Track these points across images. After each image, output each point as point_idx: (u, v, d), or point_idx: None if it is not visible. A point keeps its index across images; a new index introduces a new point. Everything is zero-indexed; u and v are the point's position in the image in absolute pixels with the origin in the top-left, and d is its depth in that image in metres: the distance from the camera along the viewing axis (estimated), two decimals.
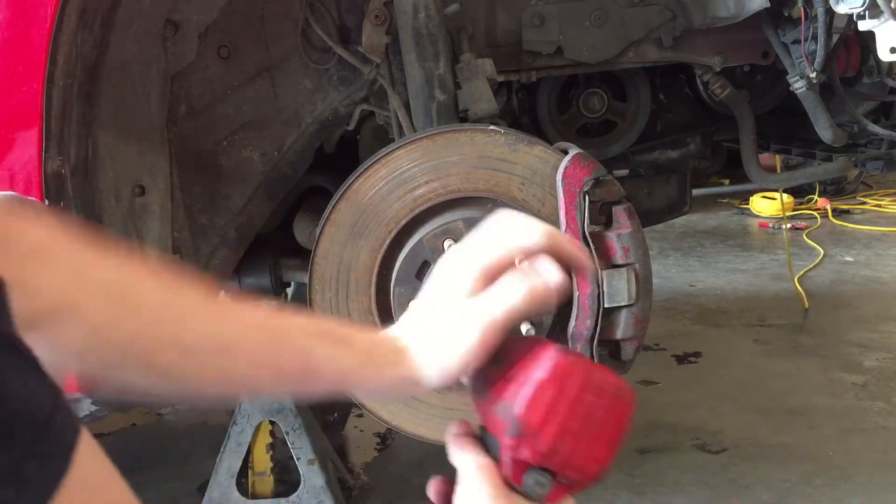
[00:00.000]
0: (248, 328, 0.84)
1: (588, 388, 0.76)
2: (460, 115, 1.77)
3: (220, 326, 0.82)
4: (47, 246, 0.73)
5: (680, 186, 2.53)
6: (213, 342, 0.81)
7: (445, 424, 1.62)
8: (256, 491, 2.33)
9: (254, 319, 0.85)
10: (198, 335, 0.80)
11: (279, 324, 0.85)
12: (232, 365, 0.82)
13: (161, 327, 0.78)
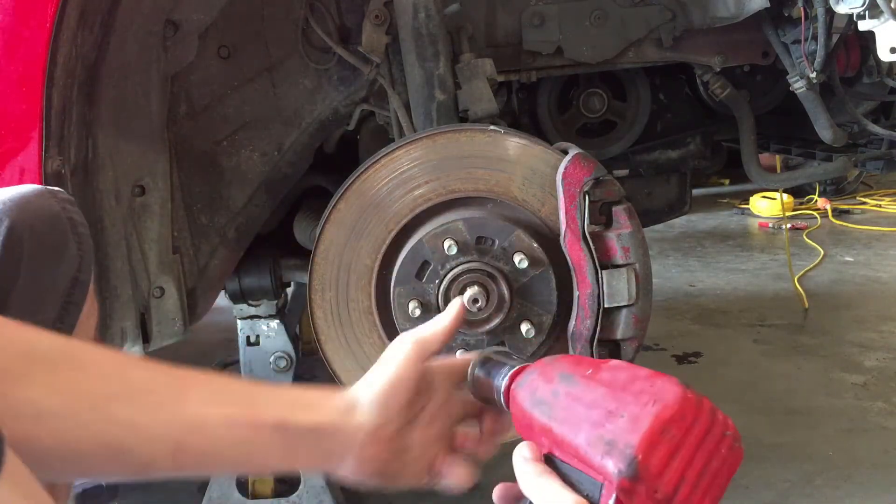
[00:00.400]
0: (193, 377, 0.84)
1: (712, 433, 0.69)
2: (460, 115, 1.77)
3: (166, 376, 0.83)
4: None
5: (680, 186, 2.53)
6: (162, 390, 0.81)
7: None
8: (256, 491, 2.33)
9: (195, 372, 0.85)
10: (146, 385, 0.81)
11: (219, 375, 0.86)
12: (183, 408, 0.80)
13: (108, 381, 0.78)
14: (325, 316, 1.59)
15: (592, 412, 0.70)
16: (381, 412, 0.89)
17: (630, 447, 0.65)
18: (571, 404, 0.72)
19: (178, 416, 0.80)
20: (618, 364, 0.77)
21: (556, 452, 0.74)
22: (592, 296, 1.49)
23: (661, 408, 0.67)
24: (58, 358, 0.77)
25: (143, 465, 0.79)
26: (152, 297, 1.85)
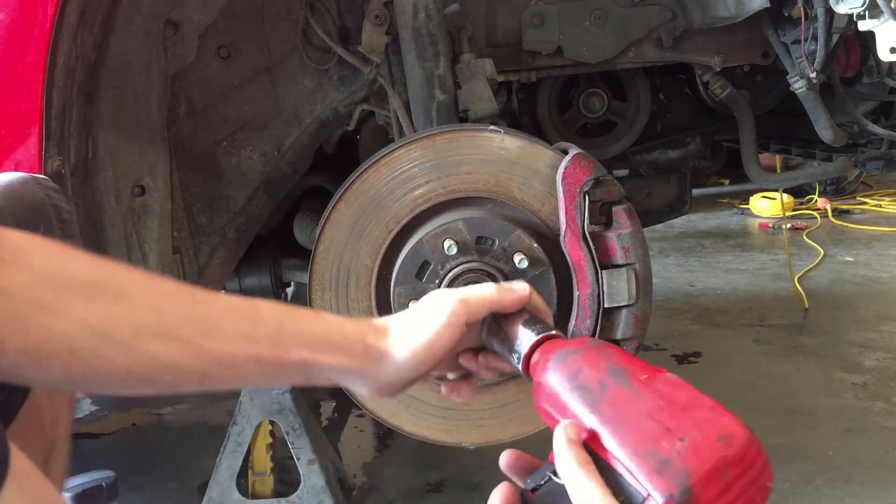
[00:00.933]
0: (225, 310, 0.86)
1: (759, 481, 0.68)
2: (460, 115, 1.77)
3: (198, 309, 0.84)
4: (22, 249, 0.75)
5: (680, 186, 2.53)
6: (193, 325, 0.83)
7: (445, 424, 1.61)
8: (256, 491, 2.33)
9: (229, 303, 0.87)
10: (178, 319, 0.82)
11: (253, 305, 0.88)
12: (212, 346, 0.83)
13: (140, 314, 0.80)
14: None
15: (647, 423, 0.69)
16: (412, 371, 0.94)
17: (687, 475, 0.65)
18: (622, 404, 0.72)
19: (207, 352, 0.83)
20: (675, 380, 0.76)
21: (592, 445, 0.73)
22: (592, 296, 1.49)
23: (728, 446, 0.67)
24: (93, 288, 0.78)
25: (168, 388, 0.83)
26: None
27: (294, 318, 0.90)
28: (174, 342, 0.81)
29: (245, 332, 0.85)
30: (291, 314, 0.90)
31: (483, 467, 2.59)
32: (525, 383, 1.61)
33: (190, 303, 0.84)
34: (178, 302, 0.84)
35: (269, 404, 2.32)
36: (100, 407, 3.41)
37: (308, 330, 0.90)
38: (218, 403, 3.29)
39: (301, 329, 0.89)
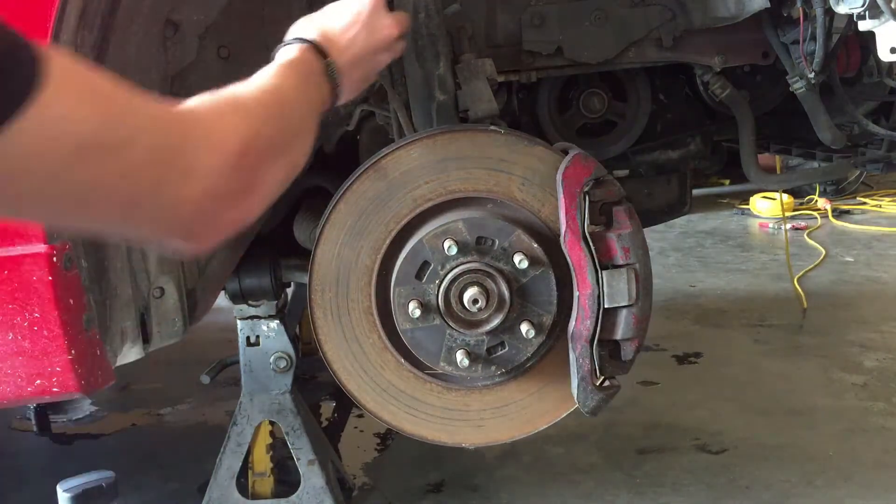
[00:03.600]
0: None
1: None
2: (460, 115, 1.77)
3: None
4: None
5: (680, 186, 2.53)
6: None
7: (445, 424, 1.62)
8: (256, 491, 2.33)
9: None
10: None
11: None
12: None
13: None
14: (325, 316, 1.59)
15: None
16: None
17: None
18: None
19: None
20: None
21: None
22: (592, 296, 1.49)
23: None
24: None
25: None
26: (152, 297, 1.85)
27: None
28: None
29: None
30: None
31: (483, 467, 2.59)
32: (525, 384, 1.62)
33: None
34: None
35: (269, 404, 2.32)
36: (100, 407, 3.41)
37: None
38: (218, 403, 3.29)
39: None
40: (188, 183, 0.88)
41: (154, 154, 0.84)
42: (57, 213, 0.84)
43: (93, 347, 1.59)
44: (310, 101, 1.19)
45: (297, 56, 1.21)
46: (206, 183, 0.90)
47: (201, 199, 0.90)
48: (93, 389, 1.61)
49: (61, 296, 1.51)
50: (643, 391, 3.25)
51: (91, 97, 0.79)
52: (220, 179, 0.91)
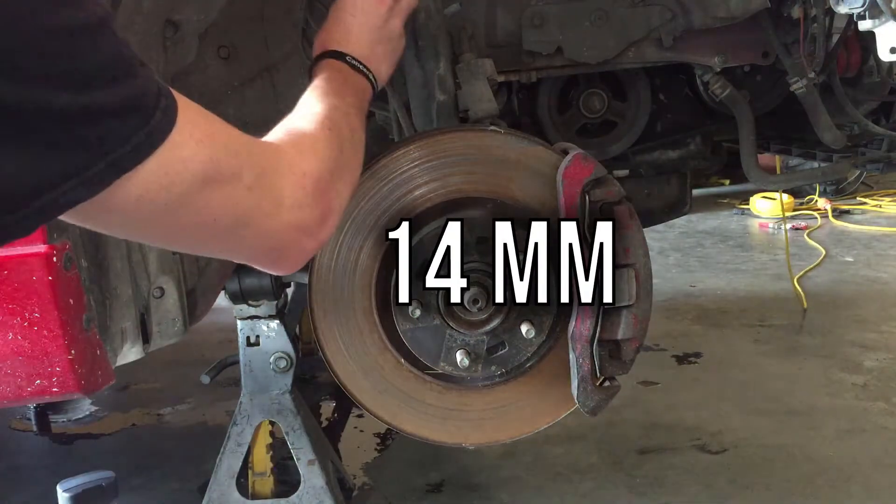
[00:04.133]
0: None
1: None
2: (460, 115, 1.76)
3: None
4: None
5: (680, 186, 2.53)
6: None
7: (445, 424, 1.62)
8: (256, 491, 2.33)
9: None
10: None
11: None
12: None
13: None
14: (325, 316, 1.58)
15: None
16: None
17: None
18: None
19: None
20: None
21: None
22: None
23: None
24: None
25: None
26: (152, 297, 1.84)
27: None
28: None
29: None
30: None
31: (483, 467, 2.59)
32: (525, 384, 1.61)
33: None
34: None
35: (269, 404, 2.32)
36: (100, 407, 3.41)
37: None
38: (218, 404, 3.29)
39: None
40: (279, 213, 0.99)
41: (254, 187, 0.96)
42: (169, 237, 0.96)
43: (93, 347, 1.59)
44: (354, 106, 1.29)
45: (323, 74, 1.32)
46: (292, 215, 1.01)
47: (288, 229, 1.02)
48: (93, 389, 1.61)
49: (61, 296, 1.51)
50: (643, 391, 3.25)
51: (209, 140, 0.90)
52: (303, 211, 1.03)
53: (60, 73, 0.74)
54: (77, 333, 1.54)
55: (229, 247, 1.01)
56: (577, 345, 1.50)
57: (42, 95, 0.73)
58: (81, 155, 0.77)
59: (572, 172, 1.49)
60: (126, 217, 0.86)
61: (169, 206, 0.87)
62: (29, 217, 0.77)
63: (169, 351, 2.12)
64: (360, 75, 1.37)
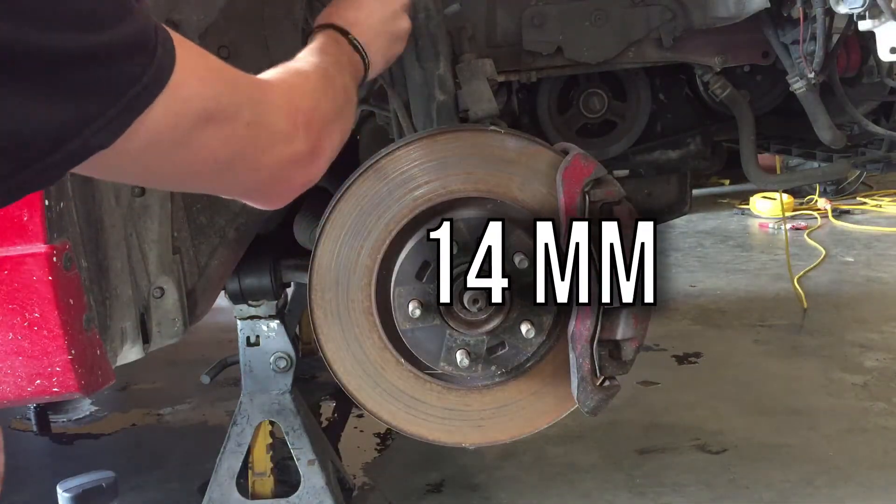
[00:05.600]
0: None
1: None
2: (460, 115, 1.76)
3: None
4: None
5: (680, 186, 2.53)
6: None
7: (445, 424, 1.62)
8: (256, 491, 2.33)
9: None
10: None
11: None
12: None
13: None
14: (325, 316, 1.58)
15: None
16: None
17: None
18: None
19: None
20: None
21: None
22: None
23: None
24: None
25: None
26: (152, 297, 1.85)
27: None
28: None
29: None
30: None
31: (483, 467, 2.59)
32: (525, 384, 1.61)
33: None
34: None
35: (269, 405, 2.32)
36: (100, 407, 3.41)
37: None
38: (218, 404, 3.29)
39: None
40: (272, 148, 1.01)
41: (252, 123, 0.96)
42: (164, 177, 0.96)
43: (93, 347, 1.60)
44: (348, 72, 1.32)
45: (323, 40, 1.35)
46: (285, 148, 1.02)
47: (280, 163, 1.03)
48: (93, 389, 1.61)
49: (61, 296, 1.51)
50: (643, 391, 3.25)
51: (210, 76, 0.92)
52: (295, 144, 1.04)
53: (69, 14, 0.72)
54: (77, 333, 1.54)
55: (223, 183, 1.02)
56: (577, 345, 1.50)
57: (53, 39, 0.71)
58: (98, 99, 0.75)
59: (572, 172, 1.49)
60: (132, 160, 0.84)
61: (173, 146, 0.86)
62: (51, 168, 0.75)
63: (169, 351, 2.12)
64: (358, 56, 1.39)
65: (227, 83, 0.96)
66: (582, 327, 1.50)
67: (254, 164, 1.00)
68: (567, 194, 1.48)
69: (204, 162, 0.92)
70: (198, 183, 1.01)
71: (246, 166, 0.99)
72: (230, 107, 0.93)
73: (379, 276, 1.56)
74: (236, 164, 0.97)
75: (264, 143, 1.00)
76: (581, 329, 1.50)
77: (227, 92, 0.95)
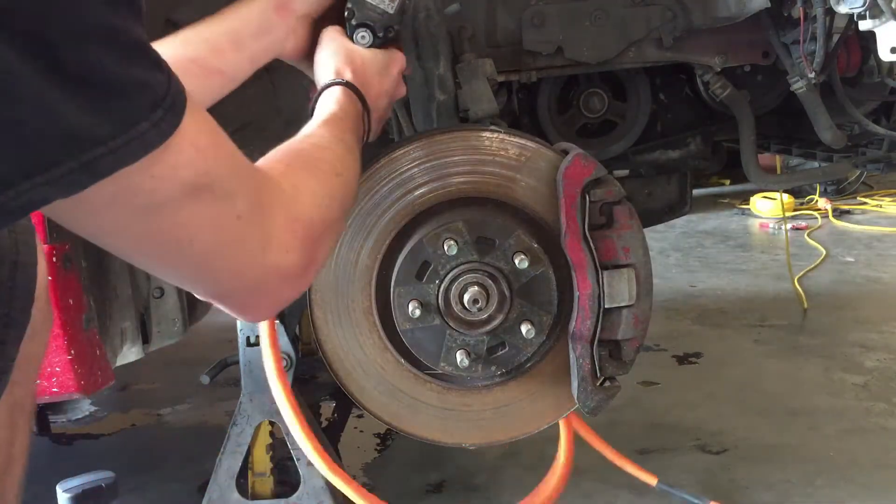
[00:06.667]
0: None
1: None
2: (460, 115, 1.76)
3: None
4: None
5: (680, 186, 2.53)
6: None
7: (445, 424, 1.63)
8: (256, 491, 2.33)
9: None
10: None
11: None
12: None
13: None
14: (325, 316, 1.58)
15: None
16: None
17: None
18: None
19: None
20: None
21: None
22: (593, 296, 1.49)
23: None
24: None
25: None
26: (152, 297, 1.85)
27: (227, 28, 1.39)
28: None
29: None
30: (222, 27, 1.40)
31: (483, 468, 2.59)
32: (525, 384, 1.61)
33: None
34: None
35: (269, 405, 2.31)
36: (99, 408, 3.41)
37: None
38: (218, 404, 3.29)
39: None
40: (263, 253, 0.90)
41: (244, 218, 0.86)
42: (137, 248, 0.84)
43: (92, 347, 1.60)
44: (358, 138, 1.25)
45: (344, 100, 1.27)
46: (276, 259, 0.91)
47: (267, 273, 0.92)
48: (93, 389, 1.61)
49: (61, 296, 1.51)
50: (643, 391, 3.25)
51: (211, 152, 0.82)
52: (288, 256, 0.93)
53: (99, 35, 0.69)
54: (77, 333, 1.54)
55: (200, 276, 0.90)
56: (577, 345, 1.50)
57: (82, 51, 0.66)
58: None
59: (572, 172, 1.49)
60: (96, 215, 0.76)
61: (145, 211, 0.77)
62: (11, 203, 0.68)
63: (169, 351, 2.12)
64: (366, 127, 1.33)
65: (227, 165, 0.85)
66: (582, 327, 1.50)
67: (238, 265, 0.89)
68: (567, 194, 1.48)
69: (178, 241, 0.82)
70: (171, 267, 0.88)
71: (227, 265, 0.88)
72: (222, 190, 0.83)
73: (379, 276, 1.56)
74: (217, 259, 0.87)
75: (253, 247, 0.89)
76: (581, 329, 1.50)
77: (225, 174, 0.84)
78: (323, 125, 1.18)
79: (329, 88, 1.30)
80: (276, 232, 0.91)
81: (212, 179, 0.82)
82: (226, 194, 0.84)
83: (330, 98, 1.28)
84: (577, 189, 1.48)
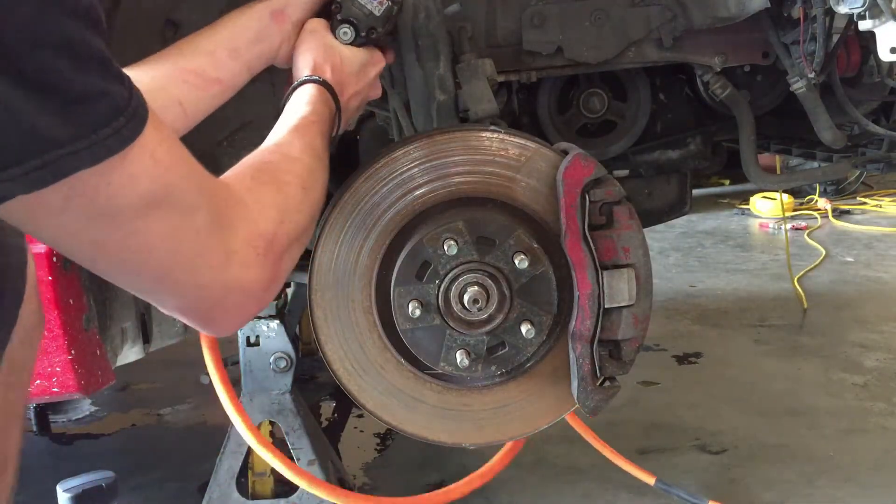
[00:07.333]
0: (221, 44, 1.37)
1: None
2: (460, 115, 1.76)
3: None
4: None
5: (680, 186, 2.53)
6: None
7: (445, 424, 1.63)
8: (256, 491, 2.33)
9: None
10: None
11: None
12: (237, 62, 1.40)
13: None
14: (325, 316, 1.58)
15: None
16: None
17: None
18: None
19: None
20: None
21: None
22: (593, 296, 1.49)
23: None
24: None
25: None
26: None
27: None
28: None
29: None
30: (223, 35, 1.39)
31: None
32: (525, 384, 1.61)
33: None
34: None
35: (269, 405, 2.32)
36: (99, 407, 3.41)
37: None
38: (218, 404, 3.29)
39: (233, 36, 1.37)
40: (224, 268, 0.90)
41: (204, 231, 0.87)
42: (88, 248, 0.84)
43: (93, 347, 1.60)
44: (328, 138, 1.27)
45: (321, 100, 1.30)
46: (238, 274, 0.92)
47: (228, 288, 0.92)
48: (93, 389, 1.61)
49: (61, 296, 1.51)
50: (643, 391, 3.25)
51: (169, 164, 0.84)
52: (249, 272, 0.93)
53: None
54: (77, 333, 1.54)
55: (160, 287, 0.90)
56: (577, 345, 1.50)
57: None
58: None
59: (572, 172, 1.49)
60: (54, 217, 0.77)
61: (102, 218, 0.78)
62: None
63: (169, 351, 2.12)
64: (337, 118, 1.36)
65: (187, 179, 0.86)
66: (582, 327, 1.50)
67: (198, 279, 0.89)
68: (567, 194, 1.48)
69: (137, 251, 0.83)
70: (130, 276, 0.88)
71: (187, 279, 0.88)
72: (182, 203, 0.84)
73: (379, 276, 1.56)
74: (177, 272, 0.87)
75: (213, 262, 0.89)
76: (581, 329, 1.50)
77: (185, 188, 0.85)
78: (294, 131, 1.21)
79: (304, 85, 1.32)
80: (238, 247, 0.92)
81: (170, 192, 0.83)
82: (185, 208, 0.85)
83: (304, 96, 1.30)
84: (577, 189, 1.48)
